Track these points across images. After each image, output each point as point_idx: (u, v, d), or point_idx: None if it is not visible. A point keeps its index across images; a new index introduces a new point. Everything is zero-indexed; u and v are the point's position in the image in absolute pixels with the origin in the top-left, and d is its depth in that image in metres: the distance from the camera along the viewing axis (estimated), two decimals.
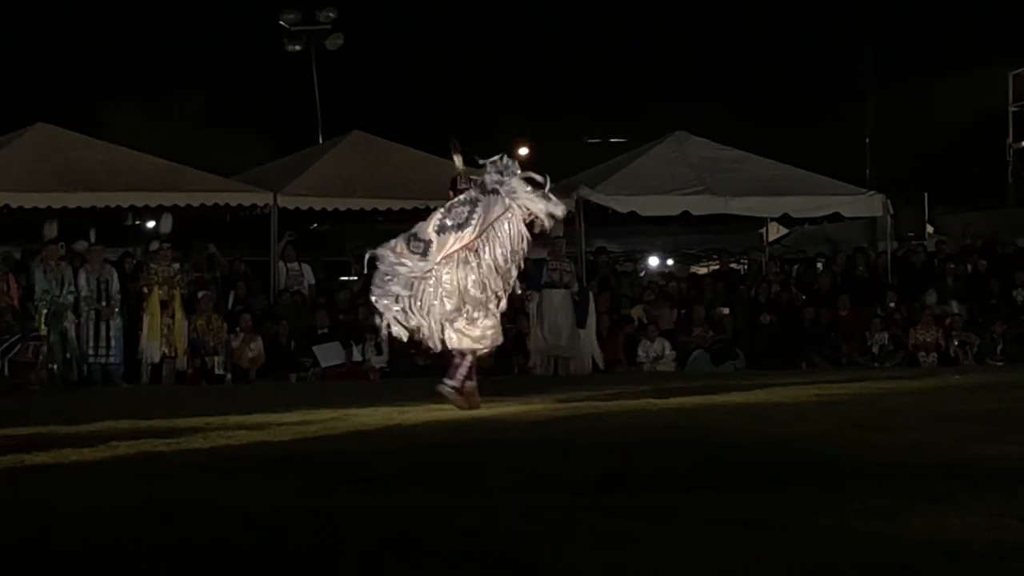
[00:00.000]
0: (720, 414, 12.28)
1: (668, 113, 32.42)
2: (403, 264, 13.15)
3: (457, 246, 13.07)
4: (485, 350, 13.72)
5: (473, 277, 13.08)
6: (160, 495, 7.41)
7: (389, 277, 13.25)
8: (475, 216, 13.06)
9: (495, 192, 13.16)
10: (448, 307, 13.08)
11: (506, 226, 13.15)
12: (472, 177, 13.50)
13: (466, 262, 13.09)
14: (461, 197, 13.26)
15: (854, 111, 36.06)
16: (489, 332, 13.38)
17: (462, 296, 13.08)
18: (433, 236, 13.09)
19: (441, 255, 13.05)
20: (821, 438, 9.78)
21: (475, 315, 13.21)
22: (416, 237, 13.18)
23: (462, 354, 13.31)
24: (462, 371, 13.26)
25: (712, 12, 44.62)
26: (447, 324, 13.18)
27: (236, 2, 43.26)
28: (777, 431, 10.42)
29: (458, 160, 13.64)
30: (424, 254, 13.08)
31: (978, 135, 38.09)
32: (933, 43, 41.55)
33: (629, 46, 43.89)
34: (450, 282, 13.06)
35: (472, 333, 13.27)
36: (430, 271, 13.08)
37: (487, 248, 13.10)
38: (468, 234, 13.06)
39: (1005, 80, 35.25)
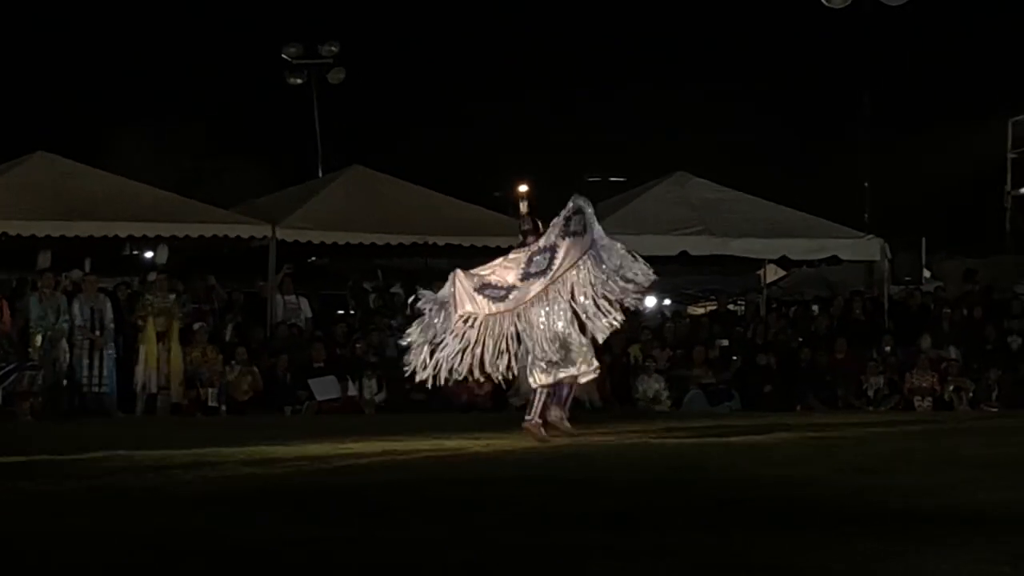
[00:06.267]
0: (718, 455, 12.28)
1: (666, 155, 32.45)
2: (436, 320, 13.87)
3: (537, 290, 13.78)
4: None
5: (562, 322, 13.80)
6: (154, 525, 7.39)
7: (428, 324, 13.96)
8: (556, 263, 13.73)
9: (577, 235, 13.79)
10: (548, 349, 13.75)
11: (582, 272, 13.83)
12: (552, 221, 14.02)
13: (555, 302, 13.80)
14: (541, 244, 13.86)
15: (853, 155, 36.11)
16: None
17: (563, 340, 13.82)
18: (517, 283, 13.83)
19: (526, 299, 13.77)
20: (819, 481, 9.76)
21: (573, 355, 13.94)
22: (491, 285, 13.87)
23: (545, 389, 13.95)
24: (538, 406, 13.88)
25: (713, 59, 44.68)
26: (535, 363, 13.86)
27: (239, 34, 43.32)
28: (775, 473, 10.41)
29: (524, 206, 14.44)
30: (503, 299, 13.82)
31: (977, 181, 38.12)
32: (933, 89, 41.62)
33: (628, 87, 43.94)
34: (544, 326, 13.78)
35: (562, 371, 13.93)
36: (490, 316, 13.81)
37: (565, 291, 13.84)
38: (546, 279, 13.78)
39: (1004, 127, 35.36)
